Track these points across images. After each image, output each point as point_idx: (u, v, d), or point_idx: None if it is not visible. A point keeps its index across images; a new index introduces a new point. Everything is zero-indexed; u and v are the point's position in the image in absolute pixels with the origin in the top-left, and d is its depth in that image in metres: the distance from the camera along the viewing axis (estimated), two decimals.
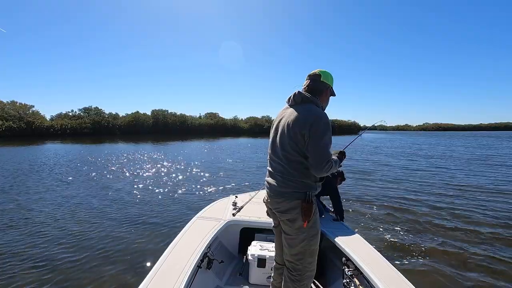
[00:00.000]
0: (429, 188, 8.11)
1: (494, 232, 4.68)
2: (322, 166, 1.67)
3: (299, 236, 1.78)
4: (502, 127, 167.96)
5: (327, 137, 1.68)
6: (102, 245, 3.96)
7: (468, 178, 9.63)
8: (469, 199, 6.85)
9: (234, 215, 3.03)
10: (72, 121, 53.03)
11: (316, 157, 1.67)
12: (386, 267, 2.16)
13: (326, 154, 1.68)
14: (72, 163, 13.37)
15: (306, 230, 1.77)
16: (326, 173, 1.70)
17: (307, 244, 1.80)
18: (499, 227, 4.95)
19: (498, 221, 5.23)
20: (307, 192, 1.73)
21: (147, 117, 62.79)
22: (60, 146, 25.44)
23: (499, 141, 34.09)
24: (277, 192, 1.79)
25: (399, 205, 6.30)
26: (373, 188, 8.03)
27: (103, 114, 59.83)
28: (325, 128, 1.69)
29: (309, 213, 1.73)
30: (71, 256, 3.64)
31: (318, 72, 1.87)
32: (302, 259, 1.82)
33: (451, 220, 5.35)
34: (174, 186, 8.16)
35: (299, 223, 1.75)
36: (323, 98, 1.89)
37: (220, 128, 69.26)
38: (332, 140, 1.72)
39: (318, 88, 1.85)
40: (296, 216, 1.74)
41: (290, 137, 1.74)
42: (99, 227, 4.66)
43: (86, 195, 7.08)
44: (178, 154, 17.84)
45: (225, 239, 3.03)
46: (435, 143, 30.98)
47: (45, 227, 4.69)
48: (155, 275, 1.88)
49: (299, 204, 1.73)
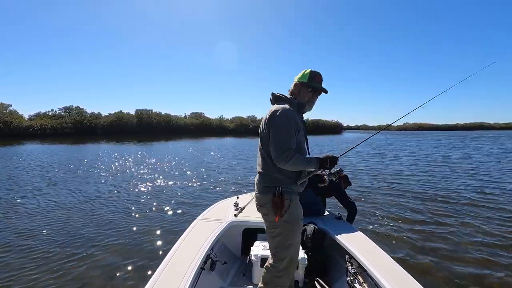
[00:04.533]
0: (431, 184, 8.34)
1: (503, 230, 4.70)
2: (279, 155, 1.70)
3: (273, 230, 1.86)
4: (477, 127, 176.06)
5: (284, 128, 1.73)
6: (103, 251, 3.90)
7: (472, 176, 9.77)
8: (472, 195, 7.00)
9: (236, 216, 3.03)
10: (52, 120, 51.56)
11: (274, 147, 1.74)
12: (390, 263, 2.18)
13: (282, 144, 1.71)
14: (57, 164, 13.18)
15: (279, 225, 1.82)
16: (287, 163, 1.71)
17: (282, 238, 1.84)
18: (506, 226, 4.93)
19: (505, 218, 5.27)
20: (277, 187, 1.78)
21: (131, 116, 61.81)
22: (40, 146, 24.89)
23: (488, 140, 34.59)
24: (257, 187, 1.91)
25: (400, 202, 6.40)
26: (374, 186, 8.19)
27: (85, 113, 58.49)
28: (282, 120, 1.74)
29: (280, 208, 1.77)
30: (76, 262, 3.60)
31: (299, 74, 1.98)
32: (278, 252, 1.89)
33: (456, 216, 5.44)
34: (171, 189, 7.93)
35: (271, 217, 1.83)
36: (300, 96, 1.94)
37: (205, 128, 69.03)
38: (292, 133, 1.76)
39: (294, 89, 1.96)
40: (269, 210, 1.82)
41: (262, 134, 1.87)
42: (98, 232, 4.57)
43: (78, 197, 6.93)
44: (167, 155, 17.63)
45: (227, 240, 3.04)
46: (434, 143, 30.30)
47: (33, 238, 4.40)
48: (159, 278, 1.89)
49: (270, 198, 1.79)
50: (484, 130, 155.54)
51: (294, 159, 1.70)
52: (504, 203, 6.32)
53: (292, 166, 1.74)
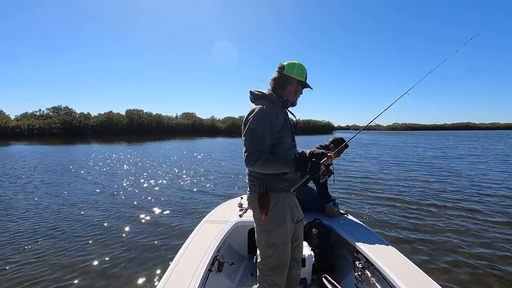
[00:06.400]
0: (435, 179, 8.65)
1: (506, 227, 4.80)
2: (245, 157, 1.65)
3: (258, 227, 1.86)
4: (463, 127, 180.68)
5: (253, 130, 1.67)
6: (110, 256, 3.87)
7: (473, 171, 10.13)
8: (476, 190, 7.25)
9: (240, 217, 3.01)
10: (40, 121, 50.49)
11: (244, 148, 1.69)
12: (397, 257, 2.17)
13: (249, 146, 1.66)
14: (52, 165, 12.98)
15: (264, 223, 1.81)
16: (253, 167, 1.67)
17: (266, 236, 1.83)
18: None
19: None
20: (261, 185, 1.77)
21: (121, 117, 61.09)
22: (28, 147, 24.34)
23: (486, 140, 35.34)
24: (247, 185, 1.90)
25: (407, 198, 6.56)
26: (379, 181, 8.46)
27: (74, 114, 57.49)
28: (254, 119, 1.68)
29: (265, 206, 1.76)
30: (82, 266, 3.59)
31: (285, 64, 1.82)
32: (263, 250, 1.87)
33: (460, 209, 5.56)
34: (172, 191, 7.74)
35: (257, 215, 1.82)
36: (288, 92, 1.84)
37: (197, 128, 68.74)
38: (267, 135, 1.68)
39: (281, 82, 1.82)
40: (254, 208, 1.82)
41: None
42: (103, 236, 4.56)
43: (81, 200, 6.85)
44: (161, 156, 17.47)
45: (233, 241, 3.05)
46: (430, 141, 31.20)
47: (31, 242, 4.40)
48: (167, 282, 1.88)
49: (256, 197, 1.78)
50: (470, 130, 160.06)
51: (259, 161, 1.63)
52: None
53: (260, 169, 1.68)
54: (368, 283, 2.20)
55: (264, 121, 1.67)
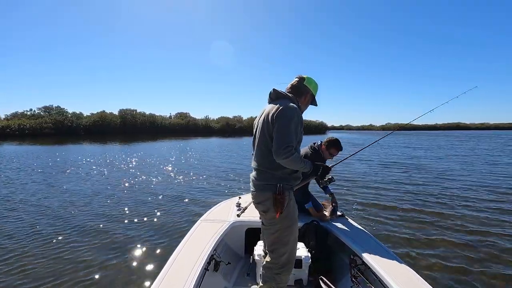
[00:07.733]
0: (433, 183, 8.58)
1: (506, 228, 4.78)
2: (281, 150, 1.70)
3: (272, 226, 1.90)
4: (454, 127, 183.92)
5: (292, 124, 1.75)
6: (103, 255, 3.86)
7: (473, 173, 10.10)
8: (475, 191, 7.29)
9: (238, 216, 3.00)
10: (31, 120, 49.66)
11: (277, 141, 1.73)
12: (394, 261, 2.17)
13: (286, 139, 1.72)
14: (52, 165, 12.84)
15: (279, 221, 1.85)
16: (286, 160, 1.71)
17: (281, 234, 1.88)
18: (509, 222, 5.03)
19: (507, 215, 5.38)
20: (278, 184, 1.81)
21: (114, 116, 60.45)
22: (19, 147, 23.90)
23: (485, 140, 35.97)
24: (254, 185, 1.91)
25: (404, 200, 6.55)
26: (375, 184, 8.36)
27: (66, 113, 56.73)
28: (289, 117, 1.76)
29: (281, 205, 1.80)
30: (78, 264, 3.62)
31: (305, 77, 2.00)
32: (276, 249, 1.92)
33: (459, 213, 5.54)
34: (170, 190, 7.74)
35: (271, 214, 1.85)
36: (302, 101, 2.01)
37: (191, 128, 68.45)
38: (298, 133, 1.80)
39: (300, 89, 1.98)
40: (269, 207, 1.84)
41: (263, 131, 1.85)
42: (95, 236, 4.55)
43: (80, 198, 6.86)
44: (156, 155, 17.41)
45: (230, 240, 3.05)
46: (425, 142, 31.25)
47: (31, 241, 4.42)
48: (163, 280, 1.89)
49: (271, 195, 1.81)
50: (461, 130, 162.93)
51: (293, 156, 1.71)
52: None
53: (289, 163, 1.74)
54: (364, 285, 2.22)
55: (298, 120, 1.80)
